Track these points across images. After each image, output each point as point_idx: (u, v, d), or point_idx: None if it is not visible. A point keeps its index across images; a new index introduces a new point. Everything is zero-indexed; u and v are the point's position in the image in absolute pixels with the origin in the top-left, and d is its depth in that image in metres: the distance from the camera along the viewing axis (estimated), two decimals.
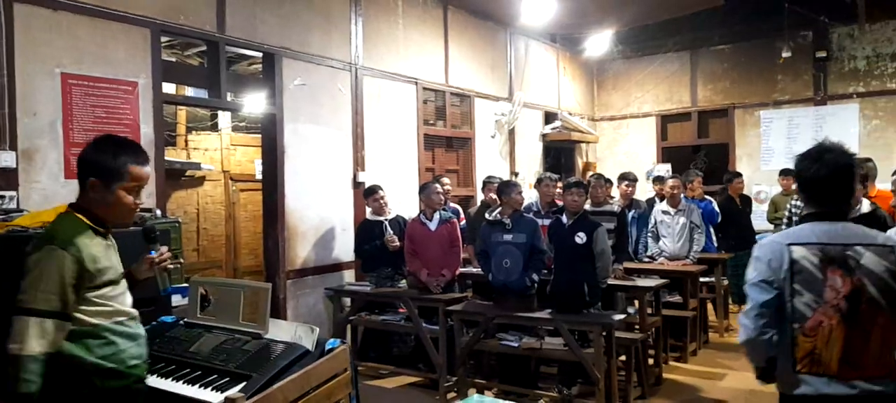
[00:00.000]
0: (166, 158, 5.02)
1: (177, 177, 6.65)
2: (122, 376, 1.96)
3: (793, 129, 8.46)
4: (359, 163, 5.74)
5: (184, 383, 2.24)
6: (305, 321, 5.24)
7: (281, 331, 2.36)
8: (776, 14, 7.84)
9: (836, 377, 1.96)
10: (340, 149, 5.63)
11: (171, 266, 2.26)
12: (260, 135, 5.47)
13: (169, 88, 5.35)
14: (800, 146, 8.81)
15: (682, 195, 6.18)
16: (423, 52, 6.65)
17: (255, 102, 5.56)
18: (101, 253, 1.95)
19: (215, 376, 2.22)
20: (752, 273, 2.07)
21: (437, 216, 5.12)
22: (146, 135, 4.21)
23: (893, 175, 5.59)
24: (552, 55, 9.01)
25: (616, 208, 5.51)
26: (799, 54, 8.36)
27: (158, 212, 3.92)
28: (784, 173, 7.33)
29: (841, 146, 2.14)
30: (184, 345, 2.45)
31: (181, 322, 2.70)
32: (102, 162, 1.96)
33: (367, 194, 5.37)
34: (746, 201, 7.32)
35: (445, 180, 6.13)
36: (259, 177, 6.29)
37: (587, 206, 5.58)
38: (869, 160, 5.75)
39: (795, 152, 7.69)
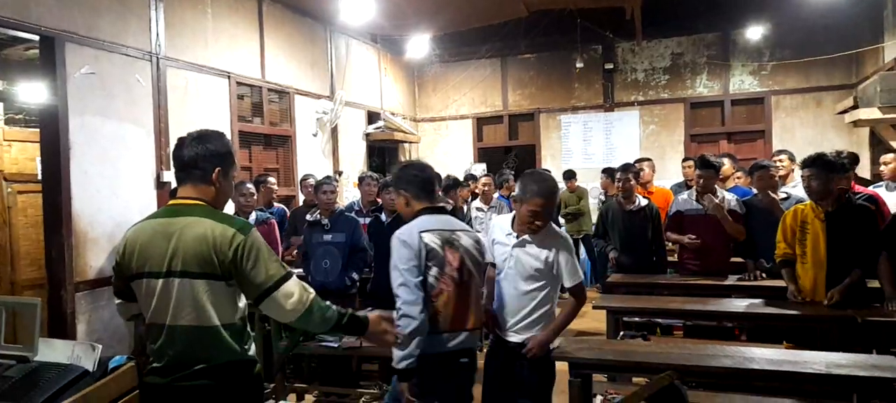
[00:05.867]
0: None
1: None
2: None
3: (587, 132, 9.46)
4: (163, 162, 5.27)
5: None
6: (100, 337, 4.69)
7: (55, 352, 2.09)
8: (571, 29, 8.70)
9: (448, 332, 2.54)
10: (140, 147, 5.13)
11: None
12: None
13: None
14: (594, 147, 9.91)
15: (495, 193, 6.60)
16: (236, 44, 6.30)
17: (32, 92, 4.85)
18: None
19: None
20: (403, 264, 2.49)
21: (253, 217, 4.89)
22: None
23: (684, 162, 6.46)
24: (374, 55, 9.08)
25: (448, 206, 5.72)
26: (591, 65, 9.38)
27: None
28: (566, 175, 8.24)
29: (423, 163, 2.88)
30: None
31: None
32: (222, 150, 2.10)
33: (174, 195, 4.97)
34: None
35: (271, 180, 5.89)
36: (40, 177, 5.50)
37: None
38: (647, 159, 6.64)
39: (590, 153, 8.53)
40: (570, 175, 8.20)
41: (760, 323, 4.00)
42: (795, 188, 4.66)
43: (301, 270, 4.87)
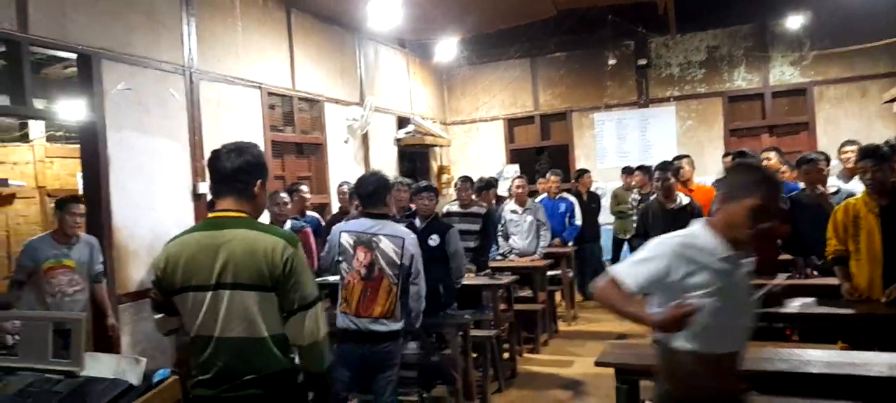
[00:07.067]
0: None
1: None
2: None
3: (622, 130, 9.29)
4: (198, 174, 5.33)
5: None
6: (144, 350, 4.75)
7: (101, 366, 2.10)
8: (601, 25, 8.55)
9: (355, 315, 3.24)
10: (176, 159, 5.20)
11: None
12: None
13: None
14: (629, 145, 9.68)
15: (538, 198, 6.53)
16: (266, 55, 6.35)
17: (72, 109, 4.95)
18: None
19: None
20: (324, 253, 3.51)
21: (287, 226, 4.91)
22: None
23: (724, 158, 6.25)
24: (402, 60, 9.08)
25: (482, 209, 5.66)
26: (623, 62, 9.20)
27: None
28: (625, 170, 8.03)
29: (380, 172, 3.53)
30: None
31: None
32: (260, 162, 2.14)
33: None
34: (593, 197, 7.90)
35: (304, 188, 5.91)
36: (82, 192, 5.62)
37: (455, 207, 5.69)
38: (686, 156, 6.45)
39: (625, 151, 8.37)
40: (628, 171, 7.96)
41: (815, 323, 3.83)
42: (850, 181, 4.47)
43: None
